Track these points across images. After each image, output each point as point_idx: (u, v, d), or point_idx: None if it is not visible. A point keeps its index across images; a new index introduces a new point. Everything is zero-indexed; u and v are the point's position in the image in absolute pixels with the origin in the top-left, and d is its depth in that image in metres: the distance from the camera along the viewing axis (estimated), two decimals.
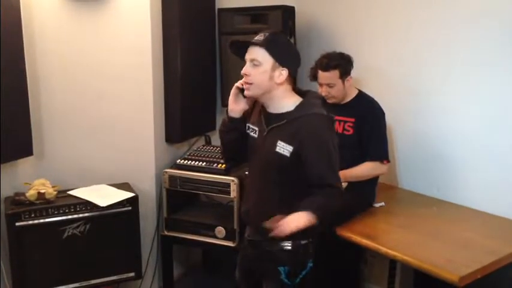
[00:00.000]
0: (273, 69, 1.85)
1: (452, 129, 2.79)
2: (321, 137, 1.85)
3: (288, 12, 3.30)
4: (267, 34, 1.87)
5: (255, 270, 2.07)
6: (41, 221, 2.60)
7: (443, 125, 2.84)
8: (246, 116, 2.03)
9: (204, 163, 2.98)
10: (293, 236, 1.87)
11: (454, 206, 2.74)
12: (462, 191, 2.74)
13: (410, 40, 2.97)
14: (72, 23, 2.86)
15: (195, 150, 3.20)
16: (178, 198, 3.09)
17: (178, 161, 3.07)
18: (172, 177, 2.99)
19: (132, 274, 2.87)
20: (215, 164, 2.94)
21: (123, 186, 2.95)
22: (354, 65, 2.76)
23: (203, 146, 3.29)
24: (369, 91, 2.85)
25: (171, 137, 3.24)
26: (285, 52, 1.89)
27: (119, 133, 3.04)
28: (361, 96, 2.79)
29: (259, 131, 1.96)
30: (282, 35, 1.97)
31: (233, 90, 1.97)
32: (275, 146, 1.87)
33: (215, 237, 2.93)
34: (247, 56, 1.89)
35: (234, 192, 2.85)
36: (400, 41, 3.03)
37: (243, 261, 2.15)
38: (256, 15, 3.28)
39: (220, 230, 2.91)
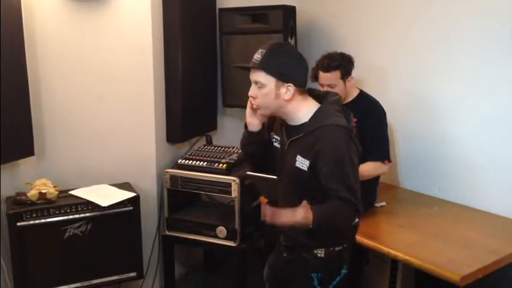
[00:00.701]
0: (277, 87, 1.78)
1: (453, 129, 2.79)
2: (335, 150, 1.76)
3: (289, 12, 3.30)
4: (264, 51, 1.76)
5: (286, 274, 2.03)
6: (42, 221, 2.61)
7: (445, 124, 2.84)
8: (268, 126, 1.98)
9: (205, 163, 2.98)
10: (326, 243, 1.86)
11: (456, 205, 2.73)
12: (463, 191, 2.74)
13: (411, 40, 2.97)
14: (73, 24, 2.86)
15: (196, 150, 3.20)
16: (180, 198, 3.09)
17: (179, 160, 3.07)
18: (173, 177, 2.99)
19: (133, 274, 2.88)
20: (216, 164, 2.94)
21: (124, 186, 2.96)
22: (355, 65, 2.76)
23: (204, 145, 3.29)
24: (370, 91, 2.85)
25: (172, 137, 3.24)
26: (287, 67, 1.79)
27: (120, 133, 3.04)
28: (363, 96, 2.79)
29: (281, 143, 1.92)
30: (283, 47, 1.86)
31: (248, 105, 1.91)
32: (295, 160, 1.82)
33: (216, 237, 2.93)
34: (251, 78, 1.82)
35: (235, 192, 2.85)
36: (401, 41, 3.03)
37: (275, 262, 2.11)
38: (257, 15, 3.28)
39: (221, 230, 2.91)
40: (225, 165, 2.92)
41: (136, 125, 3.06)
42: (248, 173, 2.77)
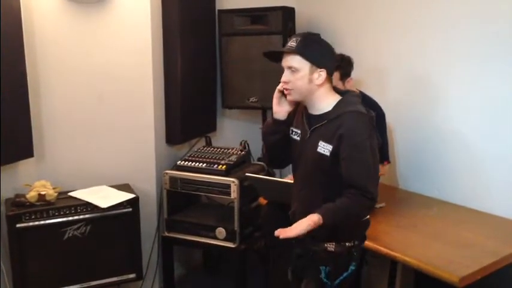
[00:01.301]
0: (311, 72, 1.85)
1: (452, 130, 2.79)
2: (358, 136, 1.82)
3: (288, 13, 3.30)
4: (299, 38, 1.85)
5: (299, 268, 2.07)
6: (42, 222, 2.61)
7: (444, 126, 2.84)
8: (291, 119, 2.02)
9: (205, 164, 2.98)
10: (337, 238, 1.89)
11: (455, 206, 2.73)
12: (462, 192, 2.74)
13: (411, 41, 2.97)
14: (73, 25, 2.86)
15: (196, 151, 3.20)
16: (179, 199, 3.09)
17: (178, 162, 3.07)
18: (172, 178, 3.00)
19: (132, 275, 2.88)
20: (215, 165, 2.94)
21: (124, 187, 2.96)
22: (355, 66, 2.76)
23: (203, 147, 3.29)
24: (369, 92, 2.85)
25: (172, 138, 3.25)
26: (320, 53, 1.88)
27: (119, 134, 3.04)
28: (362, 97, 2.78)
29: (302, 133, 1.96)
30: (315, 36, 1.93)
31: (276, 94, 1.97)
32: (317, 146, 1.87)
33: (216, 238, 2.93)
34: (284, 64, 1.89)
35: (234, 193, 2.85)
36: (401, 42, 3.03)
37: (291, 260, 2.13)
38: (256, 16, 3.28)
39: (220, 231, 2.91)
40: (224, 166, 2.92)
41: (135, 126, 3.06)
42: (247, 174, 2.79)
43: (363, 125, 1.85)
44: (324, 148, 1.85)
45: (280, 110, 1.98)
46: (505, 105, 2.54)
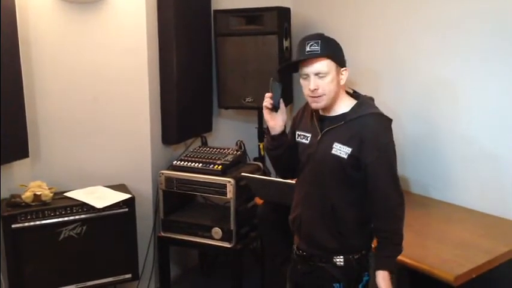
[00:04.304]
0: (338, 73, 1.81)
1: (447, 130, 2.80)
2: (383, 139, 1.80)
3: (284, 14, 3.31)
4: (319, 41, 1.78)
5: (307, 286, 1.97)
6: (37, 223, 2.60)
7: (440, 125, 2.85)
8: (292, 125, 1.98)
9: (200, 164, 2.98)
10: (344, 251, 1.85)
11: (450, 205, 2.74)
12: (458, 191, 2.75)
13: (407, 41, 2.98)
14: (68, 25, 2.86)
15: (192, 151, 3.20)
16: (175, 199, 3.09)
17: (174, 162, 3.07)
18: (168, 179, 3.00)
19: (128, 275, 2.87)
20: (211, 165, 2.95)
21: (120, 187, 2.95)
22: (350, 66, 2.76)
23: (199, 147, 3.29)
24: (365, 93, 2.85)
25: (168, 138, 3.25)
26: (340, 52, 1.85)
27: (115, 134, 3.04)
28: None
29: (312, 135, 1.89)
30: (326, 36, 1.86)
31: (265, 111, 1.88)
32: (331, 148, 1.80)
33: (212, 238, 2.93)
34: (310, 70, 1.78)
35: (230, 193, 2.85)
36: (397, 42, 3.04)
37: (294, 275, 2.02)
38: (252, 16, 3.28)
39: (216, 231, 2.91)
40: (220, 166, 2.93)
41: (131, 126, 3.06)
42: (243, 174, 2.79)
43: (384, 127, 1.83)
44: (340, 150, 1.79)
45: (275, 123, 1.89)
46: (503, 104, 2.55)
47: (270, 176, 3.06)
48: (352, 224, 1.85)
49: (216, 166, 2.93)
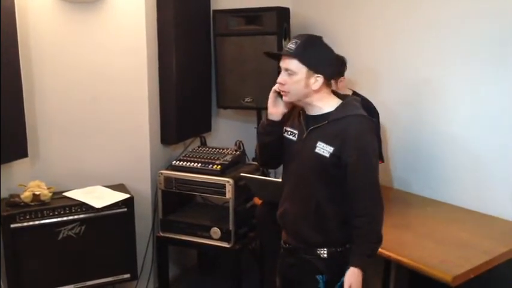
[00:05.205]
0: (308, 77, 1.82)
1: (445, 130, 2.81)
2: (364, 141, 1.83)
3: (283, 14, 3.31)
4: (298, 42, 1.82)
5: (293, 279, 2.03)
6: (36, 222, 2.60)
7: (437, 126, 2.85)
8: (285, 119, 2.00)
9: (199, 164, 2.99)
10: (328, 244, 1.89)
11: (448, 206, 2.75)
12: (456, 192, 2.76)
13: (406, 42, 2.98)
14: (67, 25, 2.86)
15: (191, 151, 3.20)
16: (174, 199, 3.09)
17: (173, 162, 3.07)
18: (167, 179, 3.00)
19: (127, 275, 2.88)
20: (210, 165, 2.95)
21: (119, 187, 2.96)
22: (349, 66, 2.77)
23: (198, 147, 3.29)
24: (363, 92, 2.86)
25: (167, 138, 3.25)
26: (319, 58, 1.85)
27: (114, 134, 3.04)
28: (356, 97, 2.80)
29: (298, 133, 1.93)
30: (316, 39, 1.89)
31: (271, 94, 1.94)
32: (314, 147, 1.85)
33: (210, 238, 2.93)
34: (282, 65, 1.86)
35: (229, 193, 2.85)
36: (396, 43, 3.05)
37: (282, 268, 2.09)
38: (251, 16, 3.28)
39: (215, 231, 2.92)
40: (219, 166, 2.93)
41: (130, 126, 3.06)
42: (242, 174, 2.79)
43: (368, 128, 1.85)
44: (323, 149, 1.83)
45: (276, 111, 1.95)
46: (496, 105, 2.56)
47: (269, 176, 3.06)
48: (335, 221, 1.89)
49: (215, 166, 2.93)
